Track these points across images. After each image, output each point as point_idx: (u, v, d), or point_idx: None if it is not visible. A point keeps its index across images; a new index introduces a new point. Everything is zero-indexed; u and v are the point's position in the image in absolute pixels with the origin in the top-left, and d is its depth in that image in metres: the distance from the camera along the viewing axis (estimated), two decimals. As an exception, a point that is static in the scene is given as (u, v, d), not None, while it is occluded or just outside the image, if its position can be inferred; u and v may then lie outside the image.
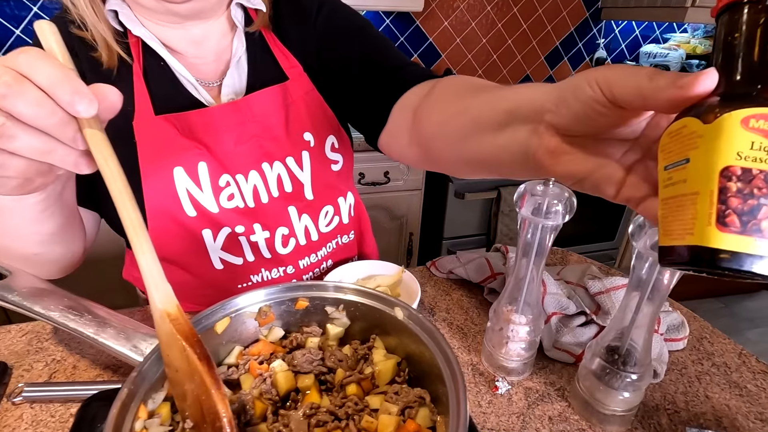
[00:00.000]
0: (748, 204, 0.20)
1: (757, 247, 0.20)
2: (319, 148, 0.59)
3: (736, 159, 0.20)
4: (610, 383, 0.46)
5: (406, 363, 0.37)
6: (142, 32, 0.51)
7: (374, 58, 0.56)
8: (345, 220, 0.66)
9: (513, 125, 0.31)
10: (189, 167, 0.52)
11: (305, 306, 0.39)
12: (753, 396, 0.53)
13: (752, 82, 0.21)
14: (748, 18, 0.22)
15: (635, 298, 0.44)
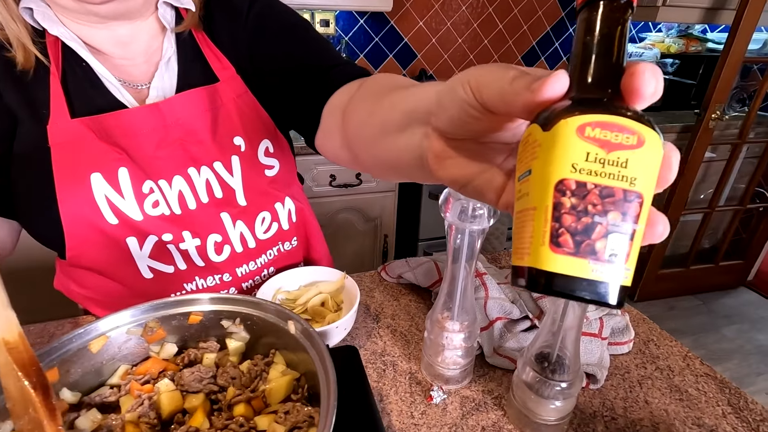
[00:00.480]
0: (582, 222, 0.18)
1: (590, 270, 0.18)
2: (251, 153, 0.57)
3: (571, 171, 0.18)
4: (540, 392, 0.45)
5: (305, 379, 0.35)
6: (61, 32, 0.48)
7: (306, 57, 0.55)
8: (285, 227, 0.64)
9: (411, 128, 0.30)
10: (108, 173, 0.50)
11: (199, 320, 0.37)
12: (693, 400, 0.52)
13: (603, 86, 0.19)
14: (602, 16, 0.20)
15: (561, 302, 0.43)
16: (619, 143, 0.17)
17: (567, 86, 0.19)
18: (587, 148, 0.18)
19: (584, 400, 0.52)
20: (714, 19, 1.95)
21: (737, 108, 2.12)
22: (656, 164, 0.18)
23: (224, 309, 0.37)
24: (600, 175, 0.18)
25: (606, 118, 0.18)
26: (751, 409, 0.51)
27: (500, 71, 0.21)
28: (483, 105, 0.22)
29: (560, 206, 0.18)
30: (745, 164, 2.18)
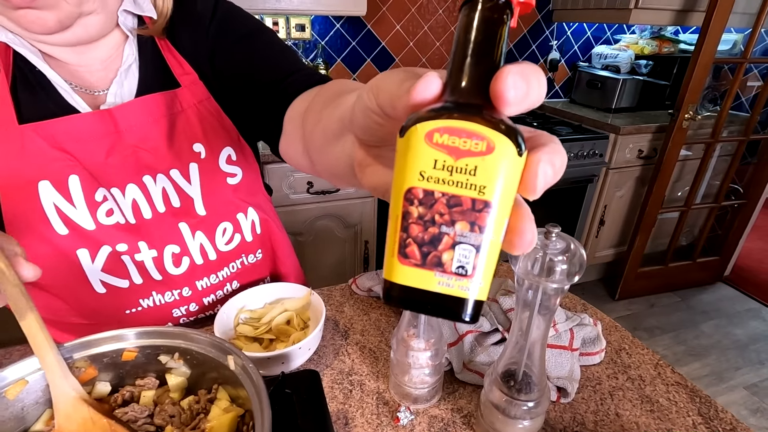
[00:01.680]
0: (428, 233, 0.17)
1: (436, 282, 0.17)
2: (212, 161, 0.55)
3: (419, 180, 0.17)
4: (507, 412, 0.44)
5: (250, 416, 0.33)
6: (10, 38, 0.45)
7: (266, 63, 0.53)
8: (248, 238, 0.61)
9: (344, 135, 0.28)
10: (57, 180, 0.48)
11: (134, 356, 0.35)
12: (664, 411, 0.51)
13: (475, 90, 0.18)
14: (478, 17, 0.18)
15: (526, 317, 0.42)
16: (467, 150, 0.16)
17: (437, 89, 0.18)
18: (435, 155, 0.17)
19: (555, 415, 0.51)
20: (685, 21, 1.99)
21: (709, 107, 2.17)
22: (511, 171, 0.17)
23: (160, 343, 0.35)
24: (448, 183, 0.17)
25: (454, 123, 0.16)
26: (721, 419, 0.50)
27: (397, 75, 0.20)
28: (381, 109, 0.20)
29: (408, 216, 0.17)
30: (720, 162, 2.23)
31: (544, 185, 0.18)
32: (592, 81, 2.22)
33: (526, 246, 0.18)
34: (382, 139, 0.23)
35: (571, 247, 0.36)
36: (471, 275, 0.17)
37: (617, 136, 1.92)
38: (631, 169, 2.06)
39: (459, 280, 0.17)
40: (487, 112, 0.17)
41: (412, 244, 0.17)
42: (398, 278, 0.18)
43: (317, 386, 0.42)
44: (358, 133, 0.24)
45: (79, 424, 0.30)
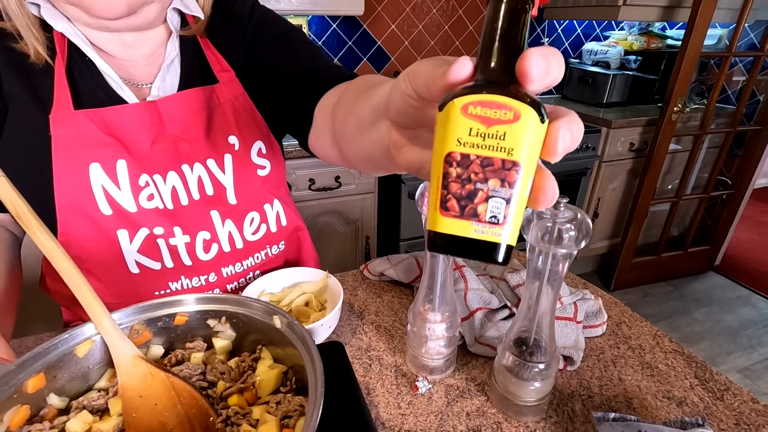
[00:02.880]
0: (465, 189, 0.20)
1: (473, 230, 0.20)
2: (244, 152, 0.59)
3: (457, 145, 0.20)
4: (520, 375, 0.47)
5: (292, 372, 0.36)
6: (66, 28, 0.49)
7: (298, 61, 0.57)
8: (273, 229, 0.65)
9: (378, 122, 0.31)
10: (106, 164, 0.51)
11: (185, 321, 0.38)
12: (663, 375, 0.55)
13: (501, 70, 0.21)
14: (504, 8, 0.22)
15: (536, 288, 0.45)
16: (497, 119, 0.19)
17: (469, 71, 0.21)
18: (470, 124, 0.20)
19: (562, 382, 0.54)
20: (672, 17, 2.05)
21: (697, 100, 2.23)
22: (534, 136, 0.20)
23: (210, 308, 0.38)
24: (481, 147, 0.20)
25: (486, 97, 0.19)
26: (716, 380, 0.54)
27: (431, 62, 0.23)
28: (417, 94, 0.23)
29: (448, 176, 0.20)
30: (708, 154, 2.29)
31: (564, 149, 0.21)
32: (584, 77, 2.27)
33: (548, 201, 0.21)
34: (416, 120, 0.26)
35: (578, 216, 0.40)
36: (502, 223, 0.20)
37: (609, 130, 1.97)
38: (623, 162, 2.11)
39: (492, 227, 0.20)
40: (514, 88, 0.20)
41: (452, 199, 0.20)
42: (441, 228, 0.21)
43: (343, 355, 0.45)
44: (395, 117, 0.27)
45: (140, 379, 0.32)
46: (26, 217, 0.32)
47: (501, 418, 0.49)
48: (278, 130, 0.64)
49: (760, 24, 2.24)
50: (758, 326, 2.07)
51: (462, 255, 0.21)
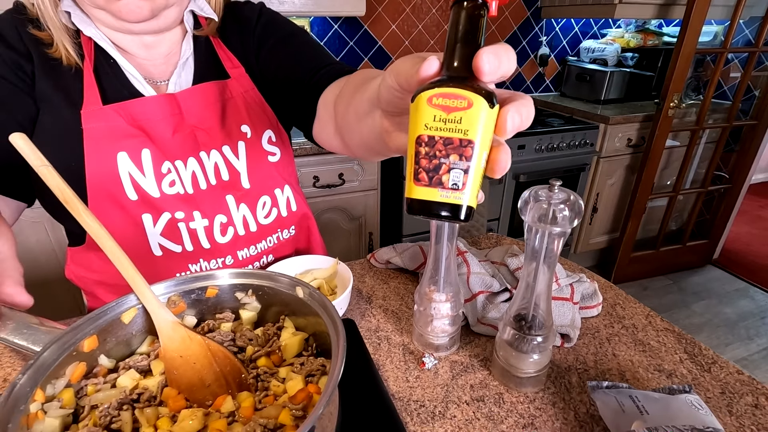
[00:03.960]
0: (432, 163, 0.25)
1: (439, 195, 0.25)
2: (256, 140, 0.64)
3: (424, 129, 0.25)
4: (520, 348, 0.51)
5: (313, 339, 0.40)
6: (93, 33, 0.55)
7: (302, 59, 0.62)
8: (284, 213, 0.69)
9: (373, 112, 0.36)
10: (133, 153, 0.56)
11: (215, 293, 0.41)
12: (654, 351, 0.59)
13: (462, 66, 0.25)
14: (463, 13, 0.26)
15: (533, 267, 0.49)
16: (455, 107, 0.24)
17: (436, 68, 0.25)
18: (434, 112, 0.24)
19: (560, 357, 0.58)
20: (668, 14, 2.08)
21: (693, 96, 2.26)
22: (486, 119, 0.24)
23: (239, 282, 0.41)
24: (443, 130, 0.24)
25: (446, 90, 0.24)
26: (704, 354, 0.57)
27: (410, 59, 0.27)
28: (401, 87, 0.28)
29: (418, 154, 0.25)
30: (705, 149, 2.32)
31: (513, 128, 0.25)
32: (581, 74, 2.31)
33: (501, 171, 0.26)
34: (402, 109, 0.31)
35: (571, 198, 0.43)
36: (462, 189, 0.25)
37: (607, 126, 2.01)
38: (621, 158, 2.14)
39: (454, 192, 0.25)
40: (470, 81, 0.24)
41: (422, 171, 0.25)
42: (415, 195, 0.26)
43: (355, 330, 0.49)
44: (384, 107, 0.32)
45: (180, 341, 0.36)
46: (72, 201, 0.35)
47: (503, 390, 0.52)
48: (286, 121, 0.69)
49: (754, 20, 2.28)
50: (756, 318, 2.10)
51: (432, 216, 0.26)
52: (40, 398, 0.30)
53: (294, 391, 0.33)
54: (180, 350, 0.36)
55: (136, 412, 0.32)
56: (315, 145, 0.64)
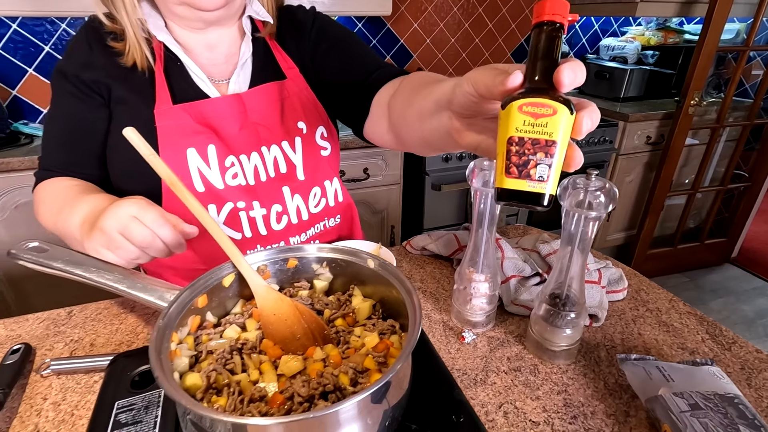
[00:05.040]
0: (522, 159, 0.30)
1: (528, 186, 0.31)
2: (310, 135, 0.70)
3: (515, 131, 0.30)
4: (555, 323, 0.56)
5: (380, 305, 0.46)
6: (165, 38, 0.62)
7: (355, 61, 0.68)
8: (331, 203, 0.74)
9: (439, 112, 0.41)
10: (200, 148, 0.62)
11: (295, 265, 0.47)
12: (677, 331, 0.63)
13: (543, 79, 0.31)
14: (543, 35, 0.31)
15: (568, 251, 0.53)
16: (542, 113, 0.29)
17: (520, 80, 0.30)
18: (524, 117, 0.30)
19: (589, 335, 0.62)
20: (689, 12, 2.09)
21: (714, 94, 2.26)
22: (567, 123, 0.29)
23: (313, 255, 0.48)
24: (531, 133, 0.30)
25: (534, 99, 0.29)
26: (724, 335, 0.62)
27: (489, 71, 0.32)
28: (479, 94, 0.33)
29: (510, 152, 0.30)
30: (725, 148, 2.32)
31: (586, 130, 0.30)
32: (601, 72, 2.32)
33: (576, 165, 0.32)
34: (474, 112, 0.36)
35: (606, 185, 0.48)
36: (546, 180, 0.30)
37: (626, 124, 2.03)
38: (640, 155, 2.16)
39: (540, 184, 0.30)
40: (551, 92, 0.29)
41: (513, 166, 0.31)
42: (506, 185, 0.31)
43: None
44: (457, 110, 0.37)
45: (272, 302, 0.42)
46: (177, 185, 0.41)
47: (537, 362, 0.58)
48: (336, 118, 0.74)
49: (778, 18, 2.26)
50: (774, 316, 2.10)
51: (520, 204, 0.32)
52: (176, 339, 0.36)
53: (372, 345, 0.38)
54: (273, 309, 0.42)
55: (243, 357, 0.38)
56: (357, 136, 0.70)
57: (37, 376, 0.55)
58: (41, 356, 0.58)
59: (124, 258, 0.47)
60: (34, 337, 0.61)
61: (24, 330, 0.63)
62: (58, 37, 1.59)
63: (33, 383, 0.54)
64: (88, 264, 0.44)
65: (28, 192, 1.39)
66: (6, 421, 0.48)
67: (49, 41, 1.58)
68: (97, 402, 0.42)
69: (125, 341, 0.60)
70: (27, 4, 1.32)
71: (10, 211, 1.39)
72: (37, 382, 0.54)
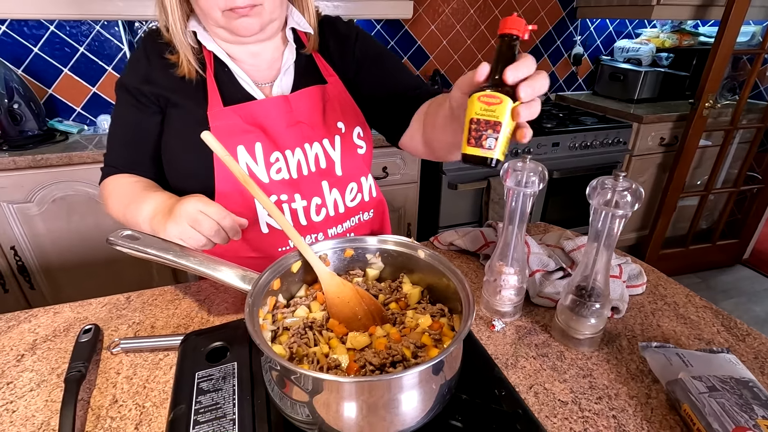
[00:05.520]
0: (478, 134, 0.42)
1: (481, 152, 0.42)
2: (349, 135, 0.76)
3: (474, 114, 0.42)
4: (580, 313, 0.60)
5: (427, 291, 0.51)
6: (213, 47, 0.68)
7: (398, 79, 0.76)
8: (366, 198, 0.80)
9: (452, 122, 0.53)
10: (248, 146, 0.68)
11: (351, 254, 0.52)
12: (694, 323, 0.67)
13: (498, 77, 0.42)
14: (502, 44, 0.43)
15: (594, 247, 0.58)
16: (492, 102, 0.41)
17: (487, 72, 0.42)
18: (480, 105, 0.42)
19: (611, 326, 0.67)
20: (705, 15, 2.11)
21: (728, 96, 2.28)
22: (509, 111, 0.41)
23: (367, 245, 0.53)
24: (485, 116, 0.41)
25: (488, 92, 0.41)
26: (739, 328, 0.66)
27: (468, 74, 0.45)
28: (462, 91, 0.45)
29: (470, 129, 0.42)
30: (739, 150, 2.34)
31: (525, 116, 0.41)
32: (615, 74, 2.35)
33: (524, 139, 0.43)
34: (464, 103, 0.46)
35: (633, 186, 0.52)
36: (493, 149, 0.42)
37: (640, 125, 2.05)
38: (653, 156, 2.18)
39: (489, 151, 0.42)
40: (503, 86, 0.41)
41: (472, 139, 0.42)
42: (468, 152, 0.43)
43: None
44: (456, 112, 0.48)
45: (336, 286, 0.48)
46: (249, 182, 0.47)
47: (563, 348, 0.62)
48: (373, 127, 0.81)
49: (794, 21, 2.27)
50: (786, 317, 2.12)
51: (475, 163, 0.43)
52: (261, 315, 0.41)
53: (427, 324, 0.43)
54: (337, 293, 0.47)
55: (315, 332, 0.44)
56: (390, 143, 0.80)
57: (107, 354, 0.60)
58: (108, 336, 0.64)
59: (194, 246, 0.54)
60: (100, 319, 0.67)
61: (89, 313, 0.69)
62: (92, 39, 1.66)
63: (105, 360, 0.59)
64: (176, 250, 0.50)
65: (65, 187, 1.46)
66: (87, 392, 0.54)
67: (84, 42, 1.65)
68: (177, 373, 0.48)
69: (182, 324, 0.66)
70: (65, 8, 1.39)
71: (48, 204, 1.46)
72: (109, 359, 0.59)
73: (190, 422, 0.40)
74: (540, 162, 0.59)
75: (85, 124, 1.74)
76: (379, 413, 0.36)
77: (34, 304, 1.60)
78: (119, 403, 0.52)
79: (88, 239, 1.55)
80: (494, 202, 1.92)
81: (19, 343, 0.62)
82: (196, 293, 0.74)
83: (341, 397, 0.34)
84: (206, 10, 0.62)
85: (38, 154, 1.40)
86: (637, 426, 0.50)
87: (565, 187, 2.04)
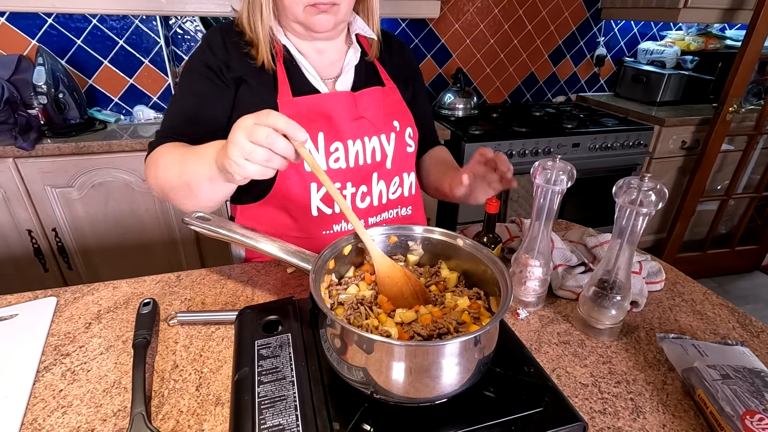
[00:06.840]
0: None
1: None
2: (402, 133, 0.82)
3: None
4: (601, 304, 0.64)
5: (463, 277, 0.56)
6: (286, 42, 0.75)
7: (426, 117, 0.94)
8: (406, 194, 0.86)
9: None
10: (312, 135, 0.74)
11: (395, 241, 0.58)
12: (710, 319, 0.71)
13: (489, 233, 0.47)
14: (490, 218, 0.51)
15: (617, 243, 0.62)
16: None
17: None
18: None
19: (630, 319, 0.71)
20: (732, 19, 2.09)
21: (753, 101, 2.26)
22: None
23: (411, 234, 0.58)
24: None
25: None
26: (754, 325, 0.69)
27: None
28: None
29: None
30: (761, 155, 2.32)
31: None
32: (638, 75, 2.35)
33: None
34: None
35: (657, 186, 0.56)
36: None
37: (662, 128, 2.06)
38: (674, 159, 2.18)
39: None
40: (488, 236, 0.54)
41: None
42: None
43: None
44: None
45: (387, 266, 0.53)
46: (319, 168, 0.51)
47: (584, 337, 0.66)
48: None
49: (825, 26, 2.23)
50: (803, 324, 2.11)
51: None
52: (322, 290, 0.46)
53: (466, 305, 0.48)
54: (387, 273, 0.52)
55: (365, 308, 0.49)
56: None
57: (164, 325, 0.66)
58: (164, 310, 0.70)
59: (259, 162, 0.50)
60: (155, 294, 0.74)
61: (144, 288, 0.75)
62: (131, 33, 1.73)
63: (163, 330, 0.65)
64: (242, 231, 0.55)
65: (105, 173, 1.53)
66: (151, 357, 0.60)
67: (124, 35, 1.73)
68: (237, 341, 0.53)
69: (229, 302, 0.72)
70: (111, 3, 1.46)
71: (88, 189, 1.54)
72: (166, 329, 0.66)
73: (255, 382, 0.45)
74: (564, 162, 0.63)
75: (122, 114, 1.82)
76: (423, 379, 0.40)
77: (71, 282, 1.69)
78: (180, 368, 0.58)
79: (123, 224, 1.64)
80: (513, 200, 1.96)
81: (85, 312, 0.69)
82: (240, 274, 0.80)
83: (393, 360, 0.39)
84: (288, 5, 0.68)
85: (81, 142, 1.48)
86: (653, 408, 0.54)
87: (584, 187, 2.06)
